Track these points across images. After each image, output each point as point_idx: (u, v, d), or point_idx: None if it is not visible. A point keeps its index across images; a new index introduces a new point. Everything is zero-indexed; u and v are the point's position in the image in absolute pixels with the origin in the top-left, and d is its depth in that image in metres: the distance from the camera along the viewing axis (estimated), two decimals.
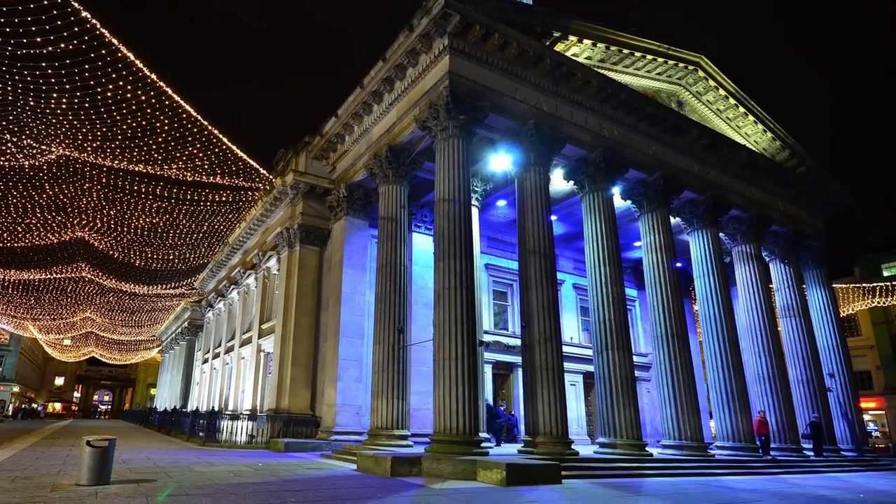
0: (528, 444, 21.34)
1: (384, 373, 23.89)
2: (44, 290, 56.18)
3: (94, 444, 13.21)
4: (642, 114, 29.06)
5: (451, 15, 22.62)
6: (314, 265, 34.20)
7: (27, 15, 19.48)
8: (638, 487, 17.37)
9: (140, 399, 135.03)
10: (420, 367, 28.03)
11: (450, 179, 22.20)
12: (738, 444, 26.85)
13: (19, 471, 15.86)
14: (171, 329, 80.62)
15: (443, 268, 21.35)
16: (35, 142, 27.34)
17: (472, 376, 20.14)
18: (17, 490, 12.13)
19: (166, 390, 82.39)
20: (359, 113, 29.25)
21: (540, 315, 22.29)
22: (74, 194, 33.03)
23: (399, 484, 15.67)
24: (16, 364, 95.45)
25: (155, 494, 12.20)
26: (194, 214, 35.43)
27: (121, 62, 22.33)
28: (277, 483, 14.95)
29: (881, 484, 22.51)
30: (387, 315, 24.52)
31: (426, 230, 31.50)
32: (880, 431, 61.73)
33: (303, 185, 33.90)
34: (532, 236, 23.29)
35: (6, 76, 22.30)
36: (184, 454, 24.34)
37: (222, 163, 29.31)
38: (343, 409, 28.38)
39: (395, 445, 22.56)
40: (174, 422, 43.48)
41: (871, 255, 67.67)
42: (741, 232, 32.94)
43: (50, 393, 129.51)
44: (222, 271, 54.41)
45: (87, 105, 24.57)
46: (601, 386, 24.06)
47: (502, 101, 24.44)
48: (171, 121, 25.98)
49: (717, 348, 28.31)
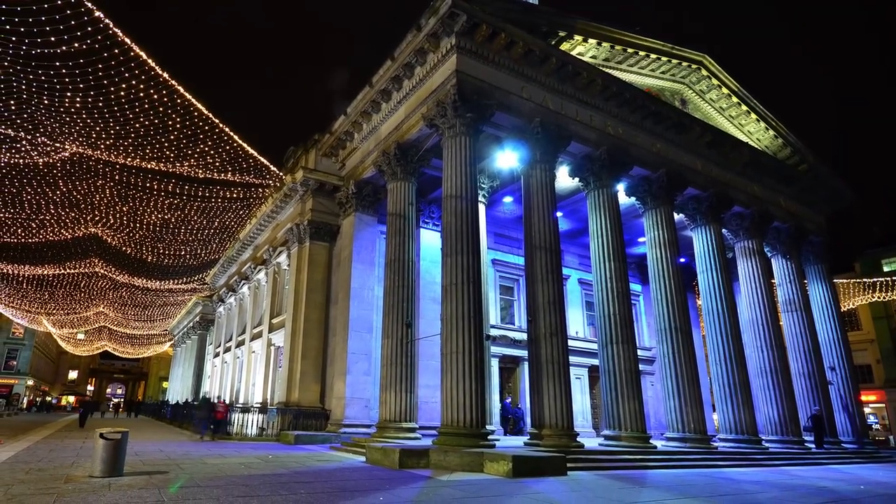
0: (533, 436, 21.38)
1: (392, 366, 23.91)
2: (57, 285, 56.16)
3: (106, 436, 13.24)
4: (646, 112, 29.06)
5: (458, 15, 22.64)
6: (324, 260, 34.20)
7: (41, 15, 19.49)
8: (642, 479, 17.36)
9: (152, 392, 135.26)
10: (428, 360, 28.07)
11: (457, 176, 22.20)
12: (741, 437, 26.85)
13: (34, 463, 15.92)
14: (183, 323, 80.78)
15: (450, 263, 21.36)
16: (49, 139, 27.34)
17: (478, 370, 20.15)
18: (32, 481, 12.18)
19: (178, 384, 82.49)
20: (367, 111, 29.28)
21: (546, 310, 22.31)
22: (88, 191, 33.03)
23: (407, 476, 15.70)
24: (30, 358, 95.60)
25: (167, 486, 12.23)
26: (205, 211, 35.41)
27: (133, 61, 22.32)
28: (288, 475, 14.99)
29: (881, 476, 22.45)
30: (395, 309, 24.53)
31: (434, 226, 31.52)
32: (881, 424, 61.60)
33: (312, 182, 33.91)
34: (538, 232, 23.30)
35: (21, 75, 22.33)
36: (195, 446, 24.42)
37: (233, 160, 29.25)
38: (352, 402, 28.43)
39: (403, 438, 22.56)
40: (186, 415, 43.51)
41: (871, 251, 67.43)
42: (744, 228, 32.91)
43: (64, 386, 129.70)
44: (233, 267, 54.49)
45: (101, 104, 24.57)
46: (606, 379, 24.07)
47: (509, 100, 24.44)
48: (183, 119, 25.95)
49: (720, 342, 28.28)
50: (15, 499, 10.04)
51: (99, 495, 10.75)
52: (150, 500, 10.43)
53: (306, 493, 12.00)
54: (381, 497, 11.90)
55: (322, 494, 11.91)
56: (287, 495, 11.50)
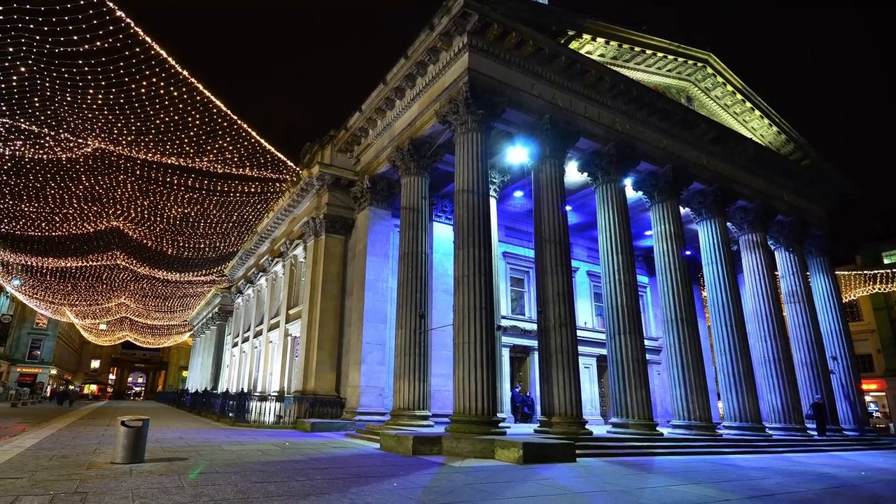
0: (543, 423, 21.35)
1: (406, 356, 23.90)
2: (80, 277, 56.49)
3: (128, 424, 13.22)
4: (653, 109, 28.94)
5: (470, 14, 22.60)
6: (339, 253, 34.22)
7: (64, 15, 19.52)
8: (649, 465, 17.29)
9: (172, 381, 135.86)
10: (440, 350, 28.04)
11: (469, 171, 22.17)
12: (745, 424, 26.79)
13: (57, 449, 15.92)
14: (202, 314, 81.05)
15: (462, 255, 21.33)
16: (72, 136, 27.43)
17: (490, 359, 20.15)
18: (55, 468, 12.17)
19: (197, 373, 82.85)
20: (382, 108, 29.26)
21: (555, 301, 22.29)
22: (110, 186, 33.16)
23: (420, 462, 15.67)
24: (53, 348, 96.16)
25: (187, 472, 12.21)
26: (224, 205, 35.49)
27: (154, 60, 22.37)
28: (304, 461, 14.96)
29: (882, 462, 22.33)
30: (409, 301, 24.51)
31: (446, 220, 31.50)
32: (881, 412, 61.53)
33: (328, 177, 33.96)
34: (548, 225, 23.27)
35: (45, 73, 22.38)
36: (214, 434, 24.42)
37: (251, 155, 29.34)
38: (367, 390, 28.46)
39: (416, 425, 22.54)
40: (205, 403, 43.73)
41: (872, 244, 67.25)
42: (748, 221, 32.80)
43: (86, 375, 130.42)
44: (251, 259, 54.58)
45: (122, 101, 24.64)
46: (614, 368, 24.01)
47: (519, 97, 24.38)
48: (203, 115, 26.01)
49: (724, 332, 28.24)
50: (39, 484, 10.03)
51: (121, 481, 10.74)
52: (170, 486, 10.42)
53: (322, 479, 11.97)
54: (395, 482, 11.87)
55: (337, 480, 11.88)
56: (304, 481, 11.47)
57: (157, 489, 10.05)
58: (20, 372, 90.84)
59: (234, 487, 10.49)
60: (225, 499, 9.40)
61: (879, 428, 53.57)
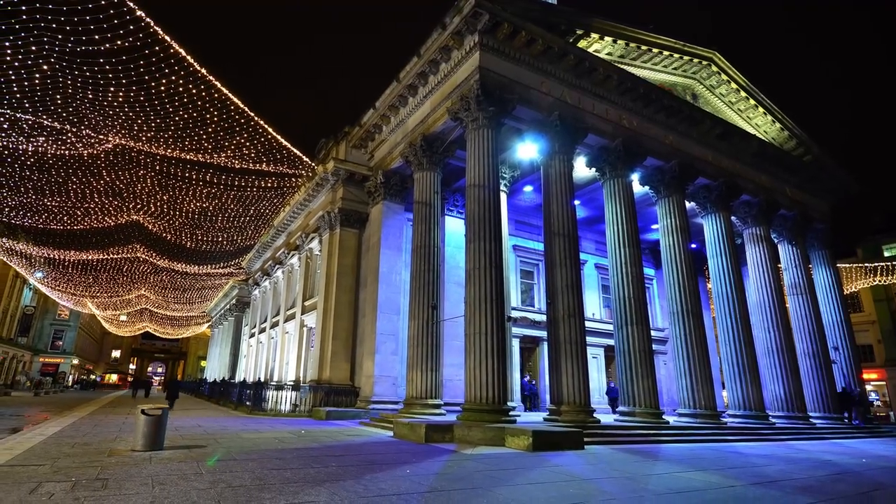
0: (552, 412, 21.35)
1: (419, 346, 23.94)
2: (101, 270, 56.62)
3: (148, 412, 13.27)
4: (659, 105, 28.86)
5: (481, 14, 22.57)
6: (353, 246, 34.27)
7: (86, 14, 19.52)
8: (655, 453, 17.25)
9: (191, 371, 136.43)
10: (452, 340, 28.01)
11: (480, 166, 22.16)
12: (749, 413, 26.79)
13: (79, 437, 15.97)
14: (220, 306, 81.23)
15: (474, 248, 21.32)
16: (93, 132, 27.46)
17: (500, 349, 20.15)
18: (77, 455, 12.20)
19: (215, 363, 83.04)
20: (395, 105, 29.27)
21: (564, 293, 22.27)
22: (130, 181, 33.21)
23: (432, 449, 15.65)
24: (75, 338, 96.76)
25: (205, 459, 12.22)
26: (241, 199, 35.52)
27: (173, 58, 22.37)
28: (319, 449, 14.97)
29: (882, 450, 22.27)
30: (421, 292, 24.55)
31: (458, 214, 31.49)
32: (881, 401, 61.37)
33: (343, 172, 34.01)
34: (557, 219, 23.26)
35: (67, 71, 22.40)
36: (232, 422, 24.47)
37: (268, 151, 29.34)
38: (380, 379, 28.47)
39: (428, 414, 22.58)
40: (223, 392, 43.82)
41: (873, 237, 67.16)
42: (752, 215, 32.71)
43: (107, 365, 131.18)
44: (268, 252, 54.75)
45: (142, 98, 24.66)
46: (621, 358, 23.97)
47: (529, 94, 24.34)
48: (221, 112, 26.01)
49: (729, 324, 28.18)
50: (61, 471, 10.05)
51: (141, 468, 10.75)
52: (189, 472, 10.42)
53: (337, 466, 11.97)
54: (408, 469, 11.85)
55: (352, 467, 11.87)
56: (319, 468, 11.46)
57: (176, 475, 10.06)
58: (42, 362, 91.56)
59: (252, 474, 10.49)
60: (242, 485, 9.39)
61: (880, 416, 53.56)
